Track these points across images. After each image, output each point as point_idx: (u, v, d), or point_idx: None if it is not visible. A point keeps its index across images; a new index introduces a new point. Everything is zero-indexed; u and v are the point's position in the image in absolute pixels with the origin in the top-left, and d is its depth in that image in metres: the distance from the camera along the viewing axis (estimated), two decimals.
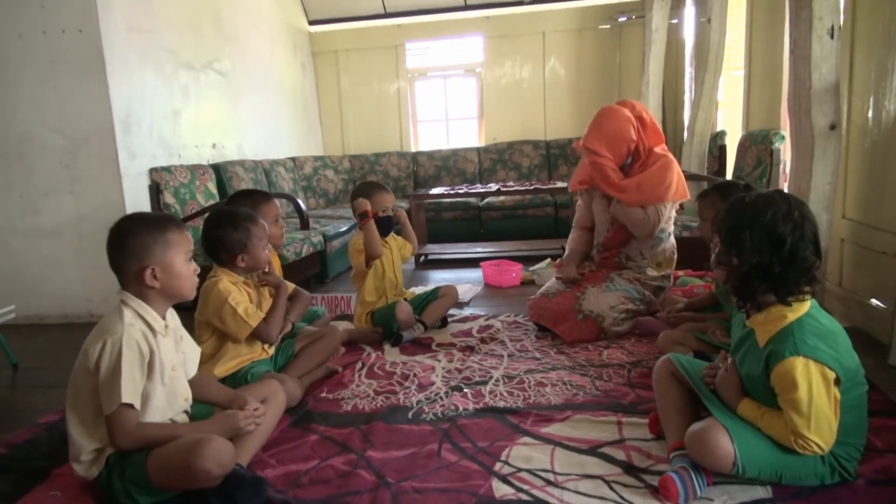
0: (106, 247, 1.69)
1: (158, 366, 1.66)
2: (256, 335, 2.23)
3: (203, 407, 1.85)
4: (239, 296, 2.21)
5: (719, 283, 1.68)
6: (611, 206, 2.92)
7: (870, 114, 2.72)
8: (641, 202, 2.83)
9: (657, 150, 2.88)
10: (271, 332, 2.25)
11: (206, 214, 2.39)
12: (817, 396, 1.45)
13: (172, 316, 1.79)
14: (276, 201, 2.83)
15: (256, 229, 2.26)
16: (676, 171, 2.86)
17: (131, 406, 1.58)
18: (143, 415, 1.64)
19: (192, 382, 1.83)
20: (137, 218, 1.73)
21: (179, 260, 1.71)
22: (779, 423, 1.51)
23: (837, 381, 1.49)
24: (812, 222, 1.53)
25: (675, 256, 3.02)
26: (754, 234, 1.51)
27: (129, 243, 1.66)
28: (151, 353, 1.64)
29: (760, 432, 1.54)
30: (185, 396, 1.78)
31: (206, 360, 2.20)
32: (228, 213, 2.29)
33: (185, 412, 1.80)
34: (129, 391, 1.57)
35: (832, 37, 2.57)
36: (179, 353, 1.78)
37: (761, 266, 1.51)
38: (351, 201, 3.03)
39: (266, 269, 2.38)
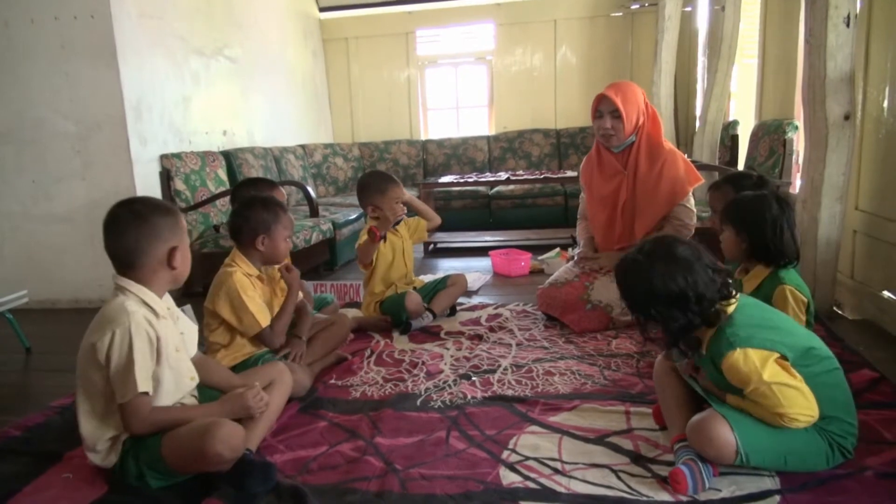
0: (115, 228, 1.64)
1: (164, 350, 1.66)
2: (261, 338, 2.23)
3: (211, 391, 1.87)
4: (252, 291, 2.21)
5: (734, 260, 1.72)
6: None
7: (885, 104, 2.69)
8: (664, 215, 2.82)
9: (663, 142, 2.86)
10: (275, 340, 2.25)
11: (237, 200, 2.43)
12: (771, 377, 1.47)
13: (167, 297, 1.78)
14: (283, 189, 2.84)
15: (284, 217, 2.29)
16: (681, 159, 2.84)
17: (145, 393, 1.59)
18: (155, 399, 1.65)
19: (196, 366, 1.82)
20: (150, 200, 1.72)
21: (187, 243, 1.73)
22: (761, 413, 1.53)
23: (785, 359, 1.51)
24: (697, 249, 1.56)
25: None
26: (659, 307, 1.54)
27: (159, 223, 1.65)
28: (157, 338, 1.64)
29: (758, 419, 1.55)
30: (190, 375, 1.77)
31: (218, 350, 2.22)
32: (263, 197, 2.35)
33: (194, 396, 1.81)
34: (144, 379, 1.58)
35: (848, 25, 2.54)
36: (178, 332, 1.77)
37: (683, 326, 1.54)
38: (359, 192, 3.03)
39: (289, 266, 2.38)
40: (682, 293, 1.51)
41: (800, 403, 1.48)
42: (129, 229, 1.64)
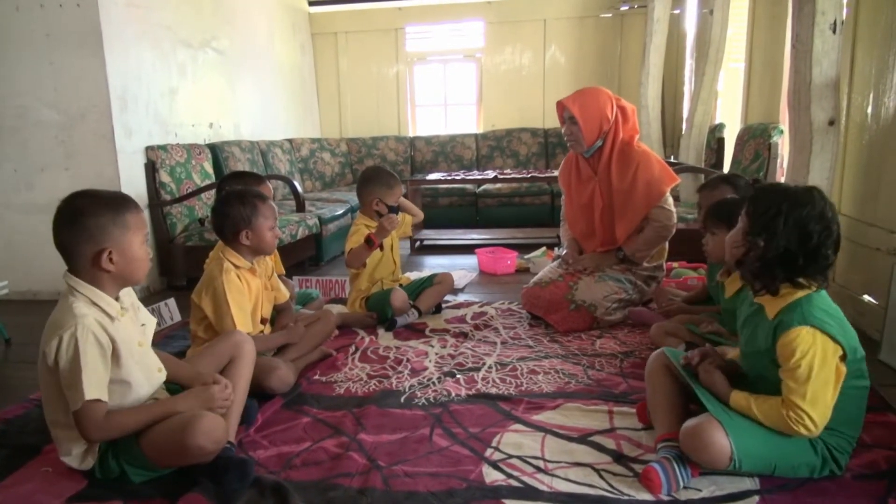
0: (54, 225, 1.58)
1: (125, 350, 1.60)
2: None
3: (172, 386, 1.83)
4: (240, 293, 2.18)
5: (718, 262, 1.71)
6: (629, 255, 2.89)
7: (869, 110, 2.72)
8: (643, 217, 2.84)
9: (635, 145, 2.88)
10: None
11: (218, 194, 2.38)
12: (819, 367, 1.45)
13: (128, 293, 1.72)
14: (269, 184, 2.82)
15: (264, 208, 2.25)
16: (655, 161, 2.85)
17: (97, 400, 1.52)
18: (129, 399, 1.62)
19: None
20: (93, 195, 1.60)
21: (137, 242, 1.63)
22: (771, 403, 1.51)
23: (843, 358, 1.50)
24: (838, 223, 1.56)
25: (667, 247, 3.02)
26: (788, 223, 1.52)
27: (87, 223, 1.55)
28: (113, 341, 1.57)
29: (755, 424, 1.54)
30: (157, 367, 1.73)
31: (203, 343, 2.20)
32: (239, 190, 2.30)
33: (165, 388, 1.78)
34: (93, 386, 1.50)
35: (834, 32, 2.57)
36: (139, 325, 1.73)
37: (787, 254, 1.52)
38: (363, 183, 3.06)
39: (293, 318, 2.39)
40: (810, 235, 1.51)
41: (817, 410, 1.46)
42: (60, 226, 1.58)
